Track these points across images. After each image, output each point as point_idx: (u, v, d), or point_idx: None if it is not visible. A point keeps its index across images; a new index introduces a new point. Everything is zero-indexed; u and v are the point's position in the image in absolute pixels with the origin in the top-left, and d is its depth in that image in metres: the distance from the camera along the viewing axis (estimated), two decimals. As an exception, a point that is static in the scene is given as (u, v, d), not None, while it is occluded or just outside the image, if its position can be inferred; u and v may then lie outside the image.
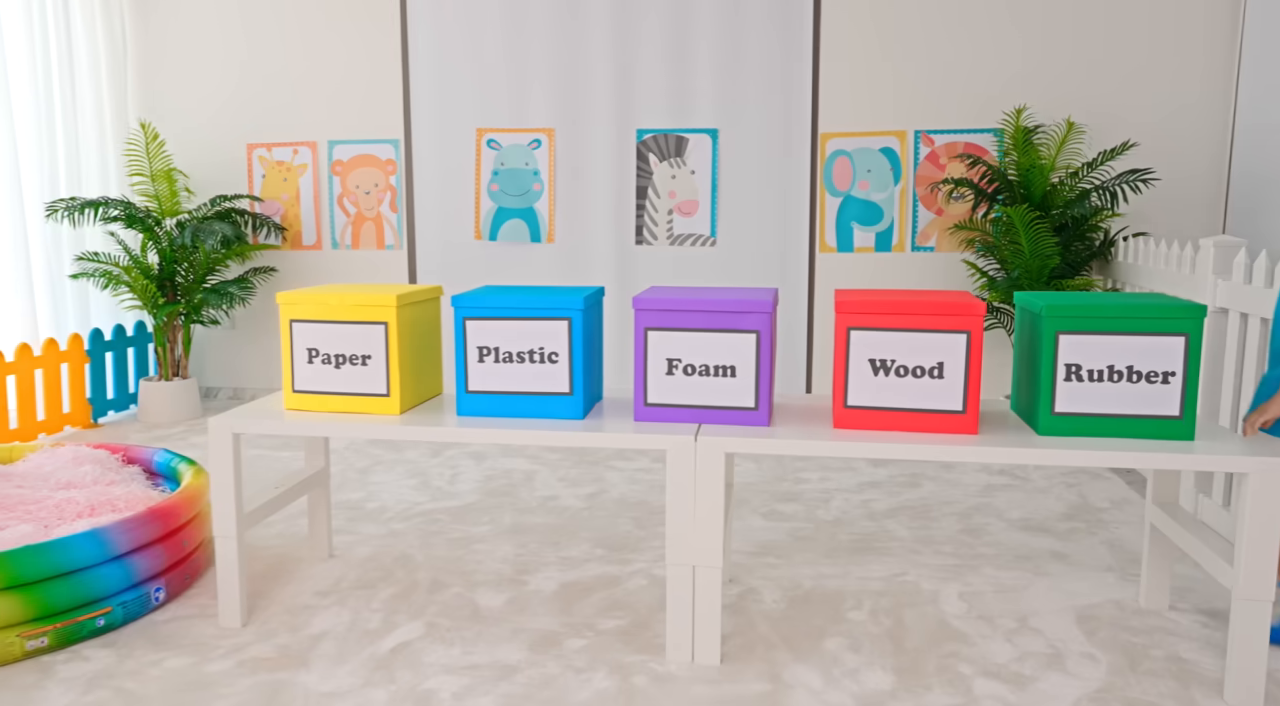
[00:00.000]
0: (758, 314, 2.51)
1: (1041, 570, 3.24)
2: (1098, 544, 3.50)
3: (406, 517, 3.76)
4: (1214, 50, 4.99)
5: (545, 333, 2.60)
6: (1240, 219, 4.92)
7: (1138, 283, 4.55)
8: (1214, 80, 5.00)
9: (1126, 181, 4.66)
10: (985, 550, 3.44)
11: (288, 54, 5.80)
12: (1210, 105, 5.01)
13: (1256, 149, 4.77)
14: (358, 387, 2.70)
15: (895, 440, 2.44)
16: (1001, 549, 3.45)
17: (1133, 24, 5.04)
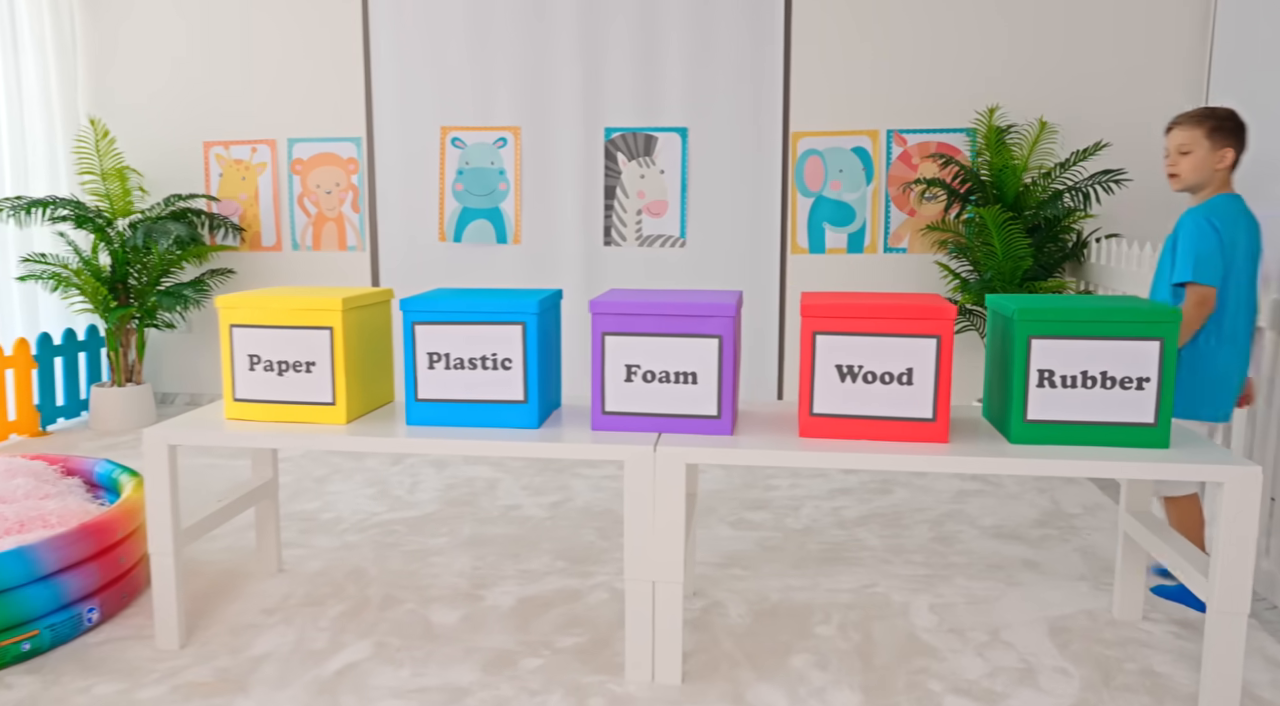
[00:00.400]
0: (720, 318, 2.41)
1: (1014, 579, 3.16)
2: (1070, 551, 3.42)
3: (362, 529, 3.63)
4: (1185, 50, 4.94)
5: (498, 338, 2.48)
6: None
7: (1111, 285, 4.49)
8: (1185, 81, 4.95)
9: (1099, 182, 4.60)
10: (957, 559, 3.35)
11: (246, 48, 5.65)
12: (1181, 107, 4.96)
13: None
14: (302, 396, 2.58)
15: (863, 450, 2.34)
16: (973, 557, 3.36)
17: (1104, 25, 4.98)
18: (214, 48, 5.67)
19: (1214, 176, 2.86)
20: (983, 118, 4.98)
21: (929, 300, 2.46)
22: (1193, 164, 2.83)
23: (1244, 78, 4.50)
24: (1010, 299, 2.50)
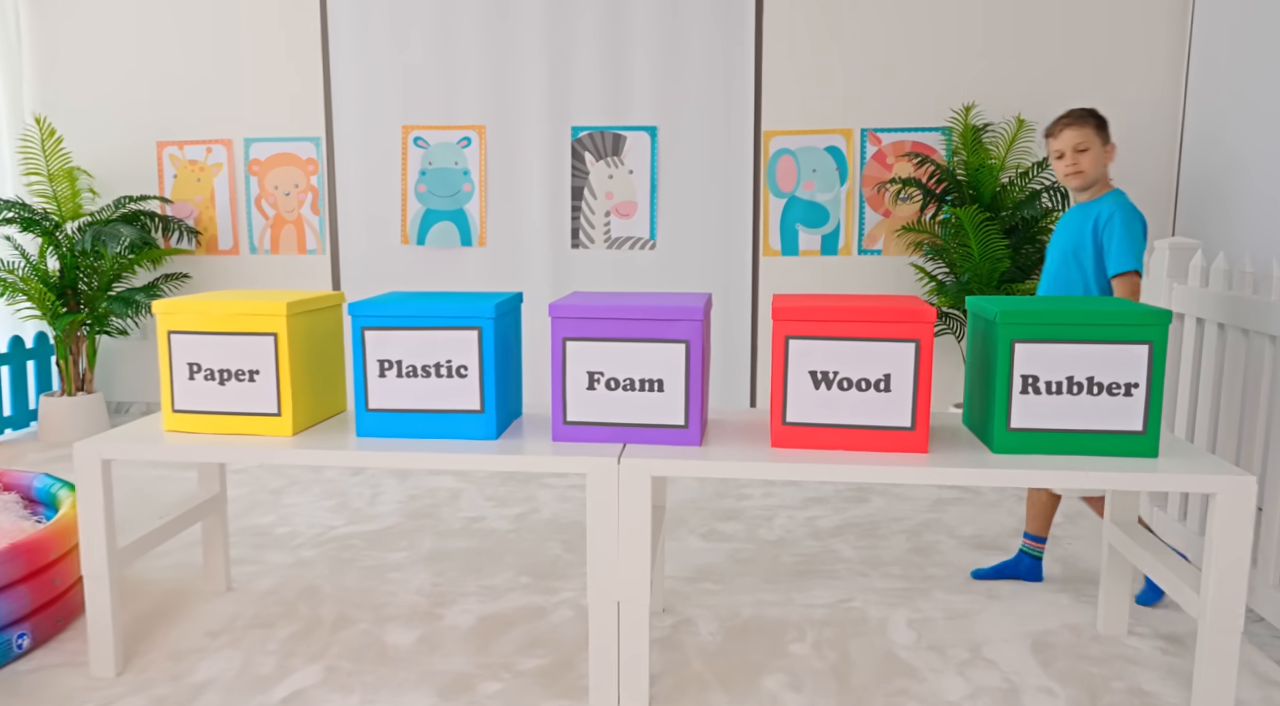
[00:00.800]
0: (686, 321, 2.28)
1: (994, 592, 3.05)
2: (1051, 562, 3.32)
3: (318, 543, 3.48)
4: (1163, 47, 4.87)
5: (453, 344, 2.34)
6: (1190, 220, 4.81)
7: (1088, 286, 4.40)
8: (1163, 78, 4.88)
9: (1076, 181, 4.51)
10: (935, 571, 3.24)
11: (201, 45, 5.47)
12: (1159, 104, 4.90)
13: (1206, 149, 4.66)
14: (245, 406, 2.42)
15: (838, 461, 2.22)
16: (952, 569, 3.25)
17: (1081, 22, 4.91)
18: (167, 44, 5.48)
19: (1105, 172, 2.95)
20: (958, 116, 4.89)
21: (907, 303, 2.35)
22: (1092, 160, 2.90)
23: (1222, 76, 4.43)
24: (992, 301, 2.39)
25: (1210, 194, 4.62)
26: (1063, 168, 2.95)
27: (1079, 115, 2.92)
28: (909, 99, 5.03)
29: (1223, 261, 3.16)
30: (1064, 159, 2.93)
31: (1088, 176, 2.91)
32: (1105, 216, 2.86)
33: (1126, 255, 2.82)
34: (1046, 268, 3.07)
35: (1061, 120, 2.94)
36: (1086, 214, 2.93)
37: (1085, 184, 2.93)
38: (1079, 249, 2.92)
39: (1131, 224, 2.84)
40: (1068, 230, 2.98)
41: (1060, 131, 2.93)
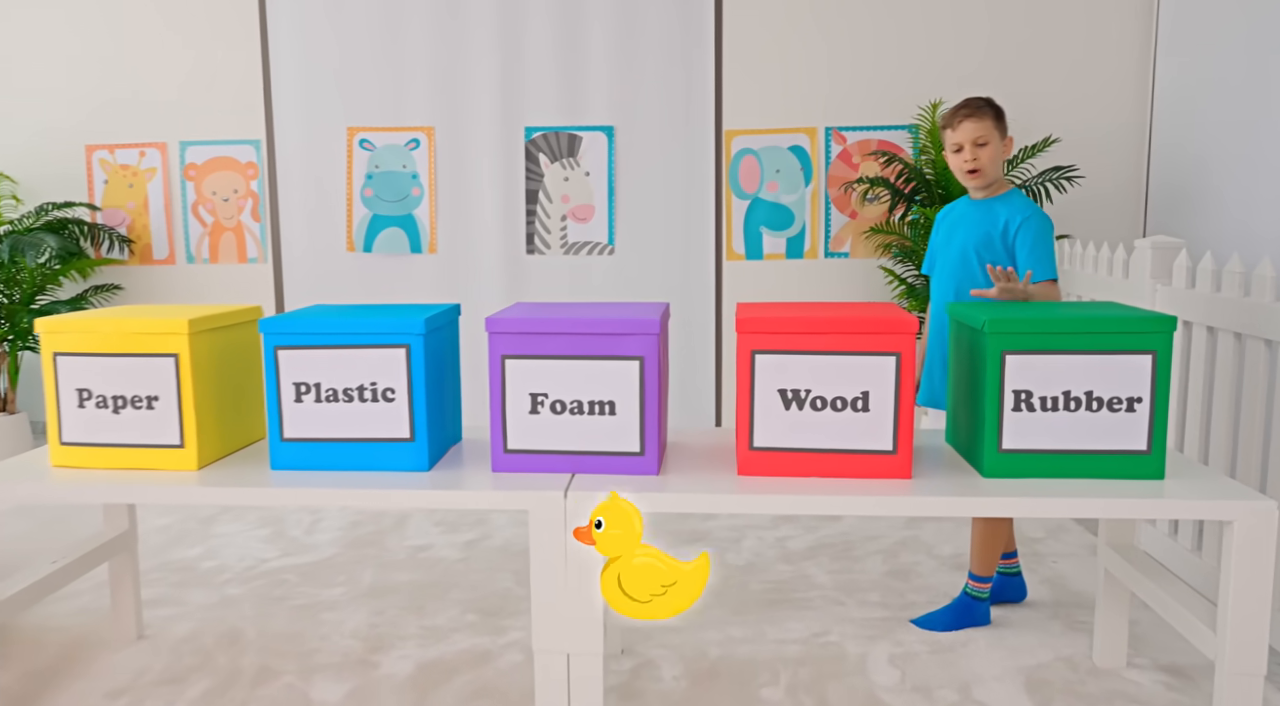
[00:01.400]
0: (640, 335, 2.03)
1: (980, 620, 2.83)
2: (1038, 584, 3.11)
3: (246, 579, 3.19)
4: (1130, 43, 4.70)
5: (378, 364, 2.08)
6: (1161, 219, 4.64)
7: (1067, 289, 4.21)
8: (1130, 74, 4.71)
9: (1050, 180, 4.32)
10: (916, 597, 3.01)
11: (132, 42, 5.14)
12: (1127, 100, 4.73)
13: (1176, 146, 4.49)
14: (143, 437, 2.14)
15: (812, 490, 1.98)
16: (934, 594, 3.02)
17: (1047, 17, 4.72)
18: (96, 40, 5.16)
19: (1002, 168, 2.76)
20: (925, 113, 4.68)
21: (885, 311, 2.11)
22: (991, 156, 2.69)
23: (1191, 70, 4.26)
24: (977, 307, 2.16)
25: (1180, 193, 4.45)
26: (960, 163, 2.71)
27: (978, 105, 2.68)
28: (874, 96, 4.83)
29: (1210, 261, 2.96)
30: (962, 152, 2.69)
31: (986, 174, 2.69)
32: (1016, 222, 2.66)
33: (1048, 263, 2.64)
34: (940, 265, 2.84)
35: (959, 111, 2.69)
36: (989, 213, 2.72)
37: (984, 182, 2.72)
38: (983, 250, 2.71)
39: (1045, 230, 2.66)
40: (966, 227, 2.76)
41: (959, 123, 2.69)
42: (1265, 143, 3.80)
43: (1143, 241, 3.31)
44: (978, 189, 2.77)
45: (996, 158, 2.70)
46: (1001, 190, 2.76)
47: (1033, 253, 2.65)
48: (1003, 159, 2.73)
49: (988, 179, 2.71)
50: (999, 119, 2.71)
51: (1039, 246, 2.65)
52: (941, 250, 2.85)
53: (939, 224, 2.92)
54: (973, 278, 2.75)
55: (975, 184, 2.74)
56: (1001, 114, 2.73)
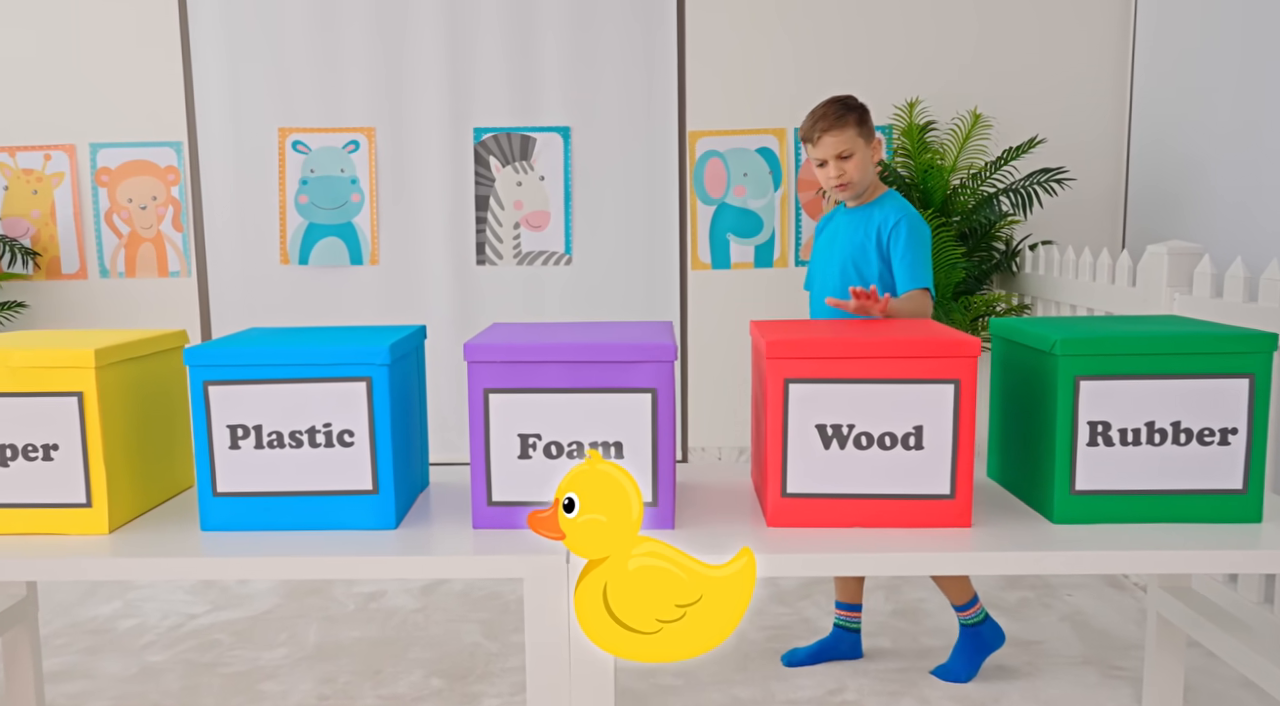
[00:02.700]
0: (654, 363, 1.70)
1: (1004, 667, 2.55)
2: (1057, 622, 2.85)
3: (171, 641, 2.77)
4: (1107, 42, 4.52)
5: (333, 401, 1.71)
6: (1141, 224, 4.46)
7: (1052, 297, 3.99)
8: (1108, 74, 4.53)
9: (1038, 182, 4.10)
10: (931, 642, 2.72)
11: (35, 32, 4.65)
12: (1105, 102, 4.54)
13: (1156, 148, 4.31)
14: (39, 495, 1.74)
15: (858, 546, 1.67)
16: (949, 638, 2.74)
17: (1022, 14, 4.52)
18: (-9, 34, 4.67)
19: (873, 172, 2.55)
20: (902, 112, 4.43)
21: (935, 330, 1.82)
22: (858, 166, 2.49)
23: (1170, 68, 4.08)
24: (1040, 324, 1.87)
25: (1161, 197, 4.27)
26: (825, 178, 2.51)
27: (837, 115, 2.46)
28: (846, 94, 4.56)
29: (1241, 267, 2.74)
30: (826, 167, 2.49)
31: (856, 186, 2.50)
32: (889, 224, 2.47)
33: (920, 269, 2.45)
34: (822, 282, 2.63)
35: (818, 124, 2.49)
36: (863, 220, 2.52)
37: (855, 193, 2.52)
38: (860, 261, 2.51)
39: (918, 233, 2.47)
40: (843, 238, 2.57)
41: (818, 138, 2.48)
42: (1250, 145, 3.62)
43: (1158, 247, 3.08)
44: (850, 200, 2.57)
45: (864, 165, 2.49)
46: (876, 194, 2.56)
47: (904, 258, 2.44)
48: (872, 163, 2.52)
49: (858, 189, 2.51)
50: (862, 123, 2.51)
51: (912, 251, 2.45)
52: (821, 265, 2.64)
53: (818, 236, 2.70)
54: (835, 279, 2.55)
55: (845, 196, 2.54)
56: (865, 116, 2.52)
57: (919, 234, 2.49)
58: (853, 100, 2.53)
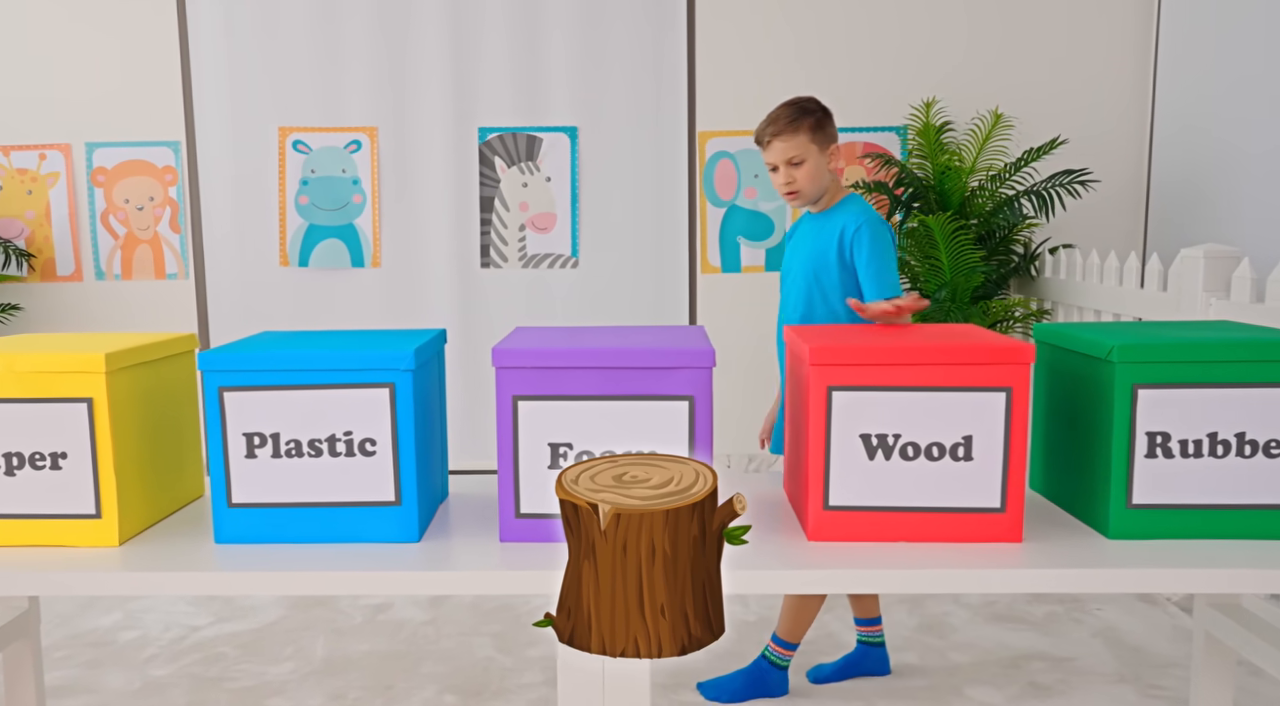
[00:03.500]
0: (691, 370, 1.62)
1: (1040, 686, 2.47)
2: (1089, 638, 2.77)
3: (175, 654, 2.68)
4: (1128, 40, 4.45)
5: (355, 407, 1.63)
6: (1162, 226, 4.40)
7: (1074, 302, 3.92)
8: (1130, 73, 4.46)
9: (1060, 184, 4.03)
10: (959, 658, 2.64)
11: (29, 28, 4.56)
12: (1127, 101, 4.48)
13: (1178, 148, 4.25)
14: (46, 506, 1.65)
15: (906, 563, 1.59)
16: (978, 654, 2.66)
17: (1038, 13, 4.45)
18: (-14, 30, 4.57)
19: (830, 178, 2.46)
20: (919, 113, 4.36)
21: (984, 335, 1.74)
22: (810, 174, 2.39)
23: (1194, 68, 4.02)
24: (1090, 330, 1.80)
25: (1186, 200, 4.20)
26: (776, 184, 2.43)
27: (790, 119, 2.37)
28: (859, 95, 4.50)
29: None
30: (777, 173, 2.40)
31: (806, 195, 2.41)
32: (851, 230, 2.37)
33: (888, 279, 2.35)
34: (786, 293, 2.54)
35: (769, 127, 2.39)
36: (825, 227, 2.43)
37: (806, 201, 2.43)
38: (820, 269, 2.42)
39: (881, 239, 2.36)
40: (806, 246, 2.47)
41: (769, 142, 2.39)
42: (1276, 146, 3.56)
43: (1193, 251, 3.01)
44: (803, 207, 2.48)
45: (817, 172, 2.40)
46: (837, 199, 2.46)
47: (870, 265, 2.35)
48: (828, 170, 2.43)
49: (809, 197, 2.42)
50: (817, 128, 2.40)
51: (877, 258, 2.35)
52: (787, 274, 2.54)
53: (786, 244, 2.60)
54: (814, 304, 2.44)
55: (796, 204, 2.45)
56: (822, 121, 2.42)
57: (882, 239, 2.38)
58: (811, 103, 2.42)
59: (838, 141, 2.48)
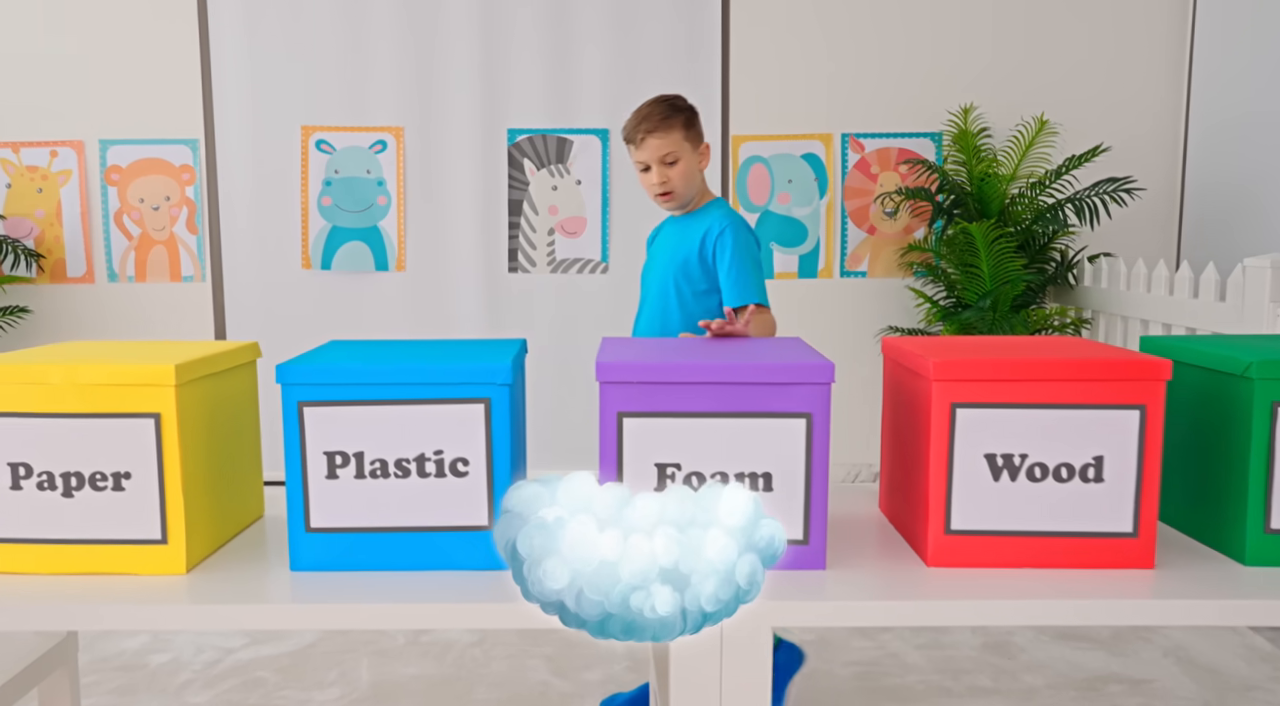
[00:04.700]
0: (812, 385, 1.51)
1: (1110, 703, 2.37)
2: (1161, 658, 2.68)
3: (210, 680, 2.55)
4: (1162, 47, 4.37)
5: (446, 424, 1.51)
6: (1197, 234, 4.32)
7: (1121, 312, 3.83)
8: (1165, 78, 4.38)
9: (1105, 191, 3.95)
10: (1032, 680, 2.54)
11: (42, 21, 4.43)
12: (1161, 106, 4.40)
13: (1214, 156, 4.17)
14: (108, 530, 1.53)
15: (1033, 590, 1.48)
16: (1052, 676, 2.56)
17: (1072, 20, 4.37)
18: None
19: (700, 179, 2.36)
20: (956, 118, 4.27)
21: (1107, 351, 1.64)
22: (683, 173, 2.30)
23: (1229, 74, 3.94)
24: (1214, 344, 1.70)
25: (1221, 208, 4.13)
26: (649, 185, 2.32)
27: (663, 116, 2.28)
28: (896, 100, 4.41)
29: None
30: (650, 173, 2.29)
31: (680, 195, 2.31)
32: (715, 233, 2.28)
33: (751, 283, 2.27)
34: (645, 296, 2.45)
35: (641, 124, 2.29)
36: (689, 230, 2.34)
37: (679, 202, 2.34)
38: (681, 273, 2.32)
39: (746, 244, 2.27)
40: (668, 250, 2.38)
41: (641, 140, 2.28)
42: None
43: (1257, 260, 2.92)
44: (674, 210, 2.38)
45: (689, 172, 2.30)
46: (702, 202, 2.37)
47: (732, 269, 2.26)
48: (699, 170, 2.33)
49: (683, 198, 2.32)
50: (689, 126, 2.31)
51: (739, 262, 2.26)
52: (647, 280, 2.45)
53: (649, 249, 2.50)
54: (669, 308, 2.35)
55: (670, 207, 2.35)
56: (693, 119, 2.33)
57: (747, 243, 2.28)
58: (681, 101, 2.34)
59: (705, 142, 2.38)
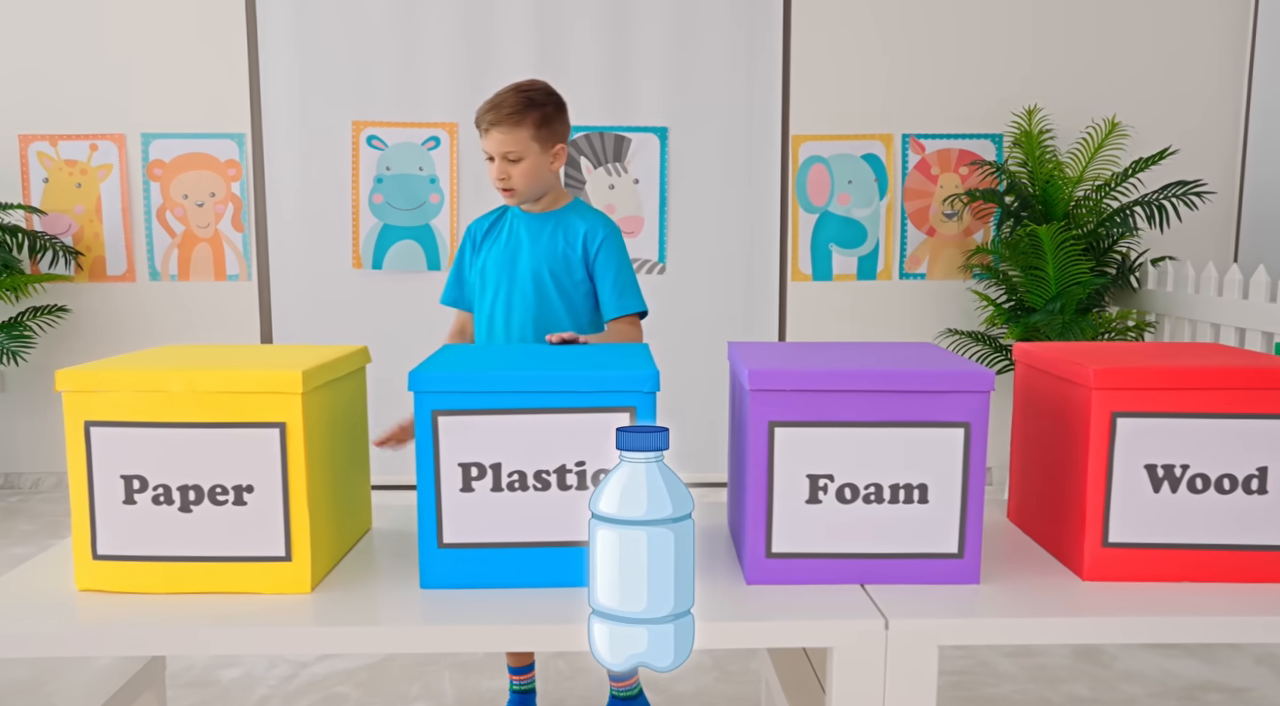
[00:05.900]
0: (971, 393, 1.44)
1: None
2: (1254, 666, 2.61)
3: (288, 696, 2.49)
4: (1221, 51, 4.29)
5: (589, 435, 1.44)
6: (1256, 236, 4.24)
7: (1189, 316, 3.75)
8: (1222, 79, 4.30)
9: (1176, 195, 3.86)
10: (1131, 689, 2.47)
11: (84, 10, 4.36)
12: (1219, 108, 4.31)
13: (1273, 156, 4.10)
14: (228, 547, 1.46)
15: (1196, 606, 1.42)
16: (1149, 685, 2.49)
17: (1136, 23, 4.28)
18: (36, 9, 4.36)
19: (553, 178, 2.21)
20: (1020, 119, 4.19)
21: (1259, 358, 1.57)
22: (525, 173, 2.13)
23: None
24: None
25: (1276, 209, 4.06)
26: (491, 177, 2.17)
27: (513, 110, 2.11)
28: (955, 101, 4.33)
29: None
30: (494, 164, 2.14)
31: (520, 194, 2.16)
32: (596, 240, 2.19)
33: (631, 293, 2.22)
34: (503, 291, 2.25)
35: (488, 115, 2.13)
36: (559, 228, 2.21)
37: (521, 201, 2.20)
38: (560, 272, 2.20)
39: (623, 251, 2.23)
40: (532, 246, 2.22)
41: (486, 131, 2.14)
42: None
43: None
44: (517, 205, 2.23)
45: (534, 172, 2.14)
46: (563, 201, 2.24)
47: (618, 278, 2.19)
48: (549, 170, 2.17)
49: (524, 197, 2.17)
50: (542, 124, 2.15)
51: (623, 272, 2.20)
52: (498, 270, 2.25)
53: (480, 240, 2.31)
54: (552, 305, 2.22)
55: (510, 201, 2.21)
56: (551, 117, 2.17)
57: (625, 251, 2.22)
58: (539, 95, 2.17)
59: (567, 139, 2.24)
